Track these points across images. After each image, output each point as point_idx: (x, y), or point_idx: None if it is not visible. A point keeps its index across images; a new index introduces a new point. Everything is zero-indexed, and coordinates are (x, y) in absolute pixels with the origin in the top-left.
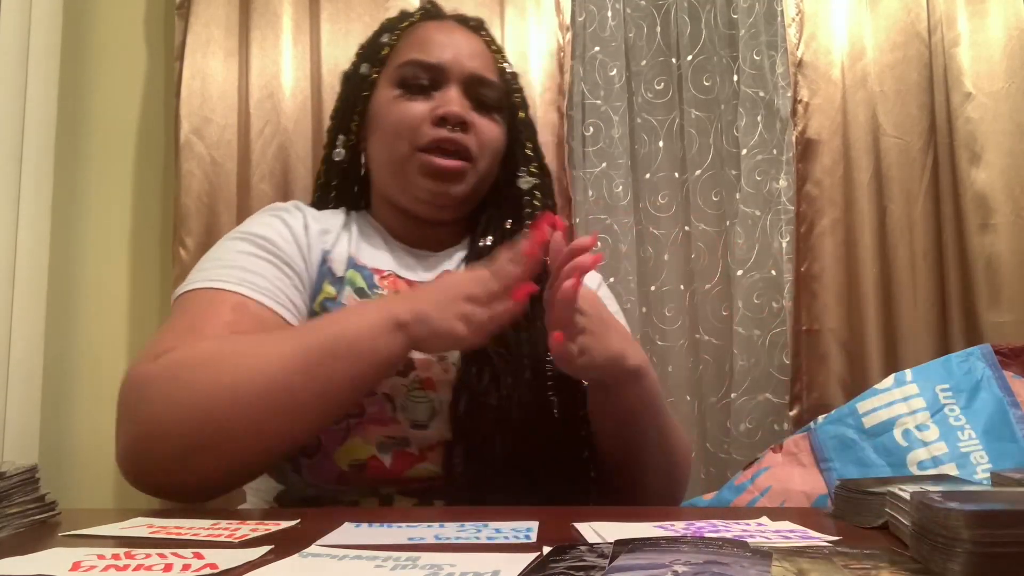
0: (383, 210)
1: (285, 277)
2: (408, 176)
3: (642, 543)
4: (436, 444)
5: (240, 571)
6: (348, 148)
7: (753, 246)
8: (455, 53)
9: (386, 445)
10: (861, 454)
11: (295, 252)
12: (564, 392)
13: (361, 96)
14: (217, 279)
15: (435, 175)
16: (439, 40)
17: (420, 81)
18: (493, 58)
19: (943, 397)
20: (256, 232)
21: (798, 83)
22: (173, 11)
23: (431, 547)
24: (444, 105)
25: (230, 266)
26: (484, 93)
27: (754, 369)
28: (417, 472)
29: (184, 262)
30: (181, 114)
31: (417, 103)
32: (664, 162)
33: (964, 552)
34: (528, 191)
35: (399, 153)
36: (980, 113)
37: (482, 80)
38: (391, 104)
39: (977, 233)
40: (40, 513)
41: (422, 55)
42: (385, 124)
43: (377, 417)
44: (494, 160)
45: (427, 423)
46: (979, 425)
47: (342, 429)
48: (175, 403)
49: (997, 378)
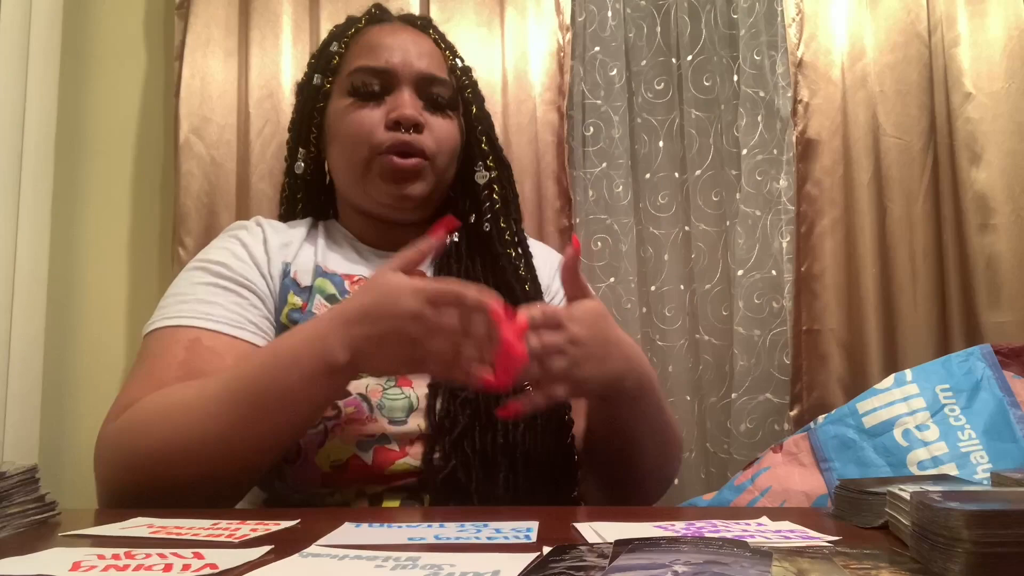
0: (349, 217)
1: (243, 299)
2: (369, 181)
3: (642, 543)
4: (416, 438)
5: (240, 571)
6: (309, 160)
7: (753, 246)
8: (403, 55)
9: (366, 443)
10: (861, 454)
11: (253, 272)
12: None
13: (316, 108)
14: (174, 316)
15: (394, 177)
16: (386, 43)
17: (371, 87)
18: (443, 55)
19: (943, 397)
20: (212, 259)
21: (798, 83)
22: (173, 11)
23: (431, 547)
24: (397, 108)
25: (186, 300)
26: (436, 92)
27: (754, 369)
28: (399, 467)
29: (184, 262)
30: (181, 114)
31: (370, 109)
32: (664, 162)
33: (964, 552)
34: (486, 185)
35: (358, 159)
36: (980, 113)
37: (433, 79)
38: (345, 113)
39: (977, 233)
40: (40, 513)
41: (370, 61)
42: (341, 134)
43: (355, 417)
44: (451, 157)
45: (405, 419)
46: (979, 425)
47: (320, 432)
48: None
49: (997, 378)
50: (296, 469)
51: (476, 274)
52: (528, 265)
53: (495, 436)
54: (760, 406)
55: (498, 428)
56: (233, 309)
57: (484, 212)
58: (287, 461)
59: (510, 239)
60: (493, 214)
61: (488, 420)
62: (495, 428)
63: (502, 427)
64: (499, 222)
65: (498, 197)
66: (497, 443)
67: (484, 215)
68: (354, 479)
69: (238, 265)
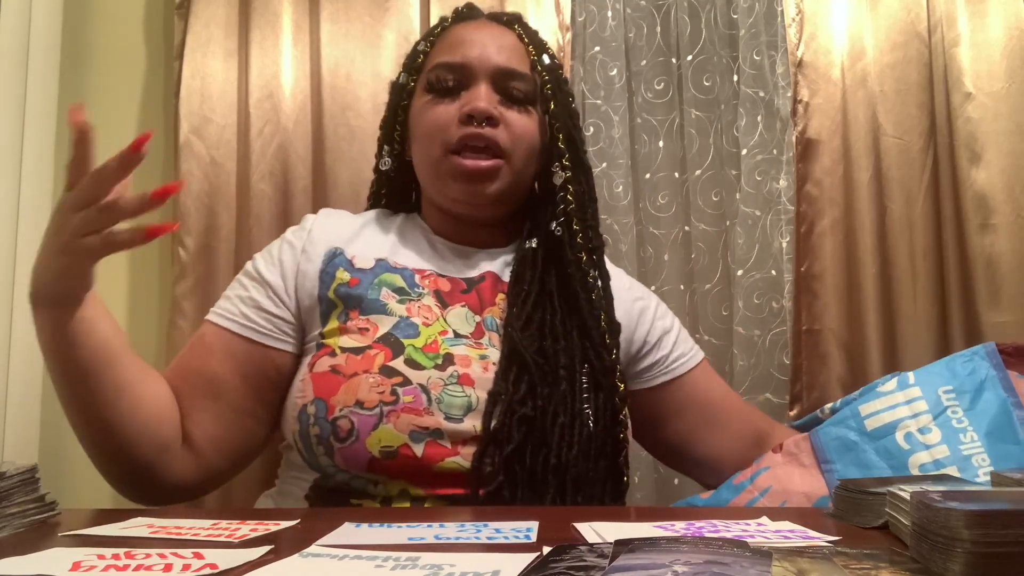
0: (429, 211)
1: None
2: (443, 180)
3: (642, 543)
4: (470, 439)
5: (240, 571)
6: (395, 157)
7: (753, 246)
8: (481, 50)
9: (419, 435)
10: (863, 456)
11: (271, 270)
12: (599, 401)
13: (401, 106)
14: (211, 310)
15: (466, 177)
16: (467, 39)
17: (447, 82)
18: (526, 51)
19: (946, 399)
20: (256, 258)
21: (798, 83)
22: (173, 11)
23: (431, 547)
24: (469, 102)
25: (223, 296)
26: (514, 86)
27: (754, 369)
28: (448, 465)
29: (184, 262)
30: (181, 114)
31: (445, 105)
32: (664, 162)
33: (964, 552)
34: (561, 186)
35: (433, 157)
36: (980, 113)
37: (511, 73)
38: (422, 110)
39: (977, 233)
40: (40, 513)
41: (448, 56)
42: (419, 130)
43: (412, 407)
44: (529, 153)
45: (462, 417)
46: (982, 427)
47: (375, 415)
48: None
49: (1001, 378)
50: (346, 448)
51: (550, 284)
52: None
53: (548, 457)
54: (760, 406)
55: (551, 448)
56: (234, 302)
57: (557, 215)
58: (338, 439)
59: (582, 243)
60: (566, 217)
61: (542, 440)
62: (549, 448)
63: (556, 448)
64: (571, 225)
65: (572, 199)
66: (549, 464)
67: (557, 218)
68: (402, 470)
69: (261, 261)
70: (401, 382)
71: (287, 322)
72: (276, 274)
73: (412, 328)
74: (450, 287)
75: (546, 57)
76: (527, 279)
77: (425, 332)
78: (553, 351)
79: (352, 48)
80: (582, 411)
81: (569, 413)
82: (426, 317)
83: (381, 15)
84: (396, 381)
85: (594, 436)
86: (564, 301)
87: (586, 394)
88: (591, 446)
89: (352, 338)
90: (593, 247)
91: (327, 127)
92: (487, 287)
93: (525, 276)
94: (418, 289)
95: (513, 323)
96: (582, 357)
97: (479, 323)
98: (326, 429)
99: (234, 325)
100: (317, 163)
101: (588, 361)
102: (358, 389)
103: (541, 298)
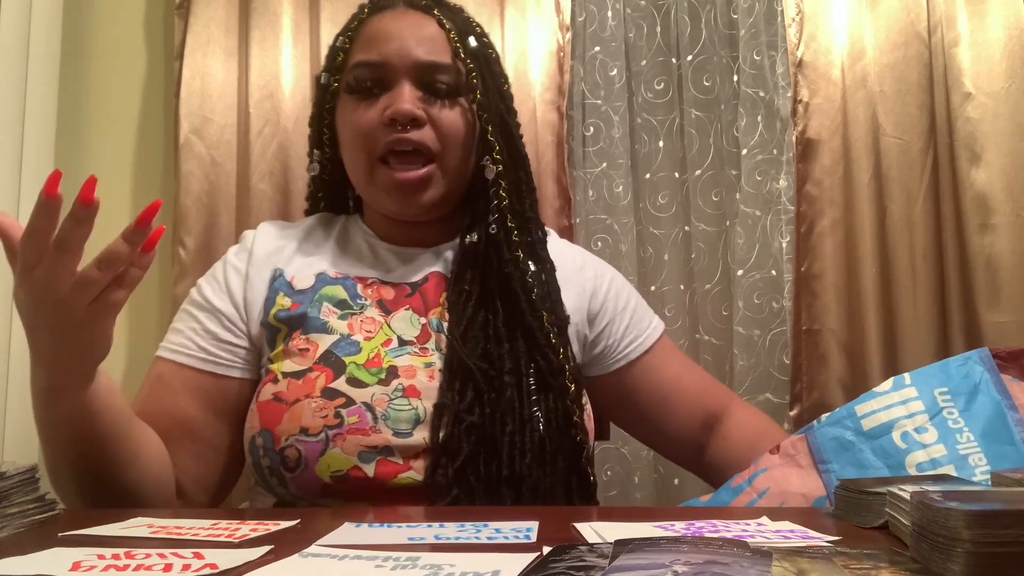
0: (369, 213)
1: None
2: (375, 190)
3: (642, 543)
4: (421, 452)
5: (240, 571)
6: (326, 160)
7: (753, 246)
8: (400, 44)
9: (368, 455)
10: (860, 456)
11: (219, 296)
12: (549, 403)
13: (326, 108)
14: (162, 345)
15: (398, 189)
16: (383, 32)
17: (366, 83)
18: (447, 38)
19: (942, 400)
20: (200, 282)
21: (798, 83)
22: (173, 11)
23: (431, 547)
24: (391, 104)
25: (173, 327)
26: (437, 80)
27: (754, 369)
28: (402, 481)
29: (184, 262)
30: (181, 114)
31: (367, 108)
32: (664, 162)
33: (964, 552)
34: (493, 180)
35: (362, 167)
36: (980, 113)
37: (432, 66)
38: (345, 114)
39: (977, 233)
40: (40, 513)
41: (365, 55)
42: (345, 138)
43: (357, 427)
44: (463, 150)
45: (411, 431)
46: (977, 428)
47: (322, 440)
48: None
49: (995, 381)
50: (297, 477)
51: (491, 282)
52: (544, 270)
53: (500, 466)
54: (760, 406)
55: (503, 458)
56: (188, 335)
57: (492, 211)
58: (287, 469)
59: (518, 240)
60: (500, 213)
61: (493, 449)
62: (500, 458)
63: (507, 457)
64: (506, 222)
65: (505, 194)
66: (503, 474)
67: (492, 214)
68: (356, 491)
69: (208, 288)
70: (344, 403)
71: (244, 348)
72: (226, 301)
73: (353, 345)
74: (394, 294)
75: (472, 40)
76: (467, 279)
77: (367, 347)
78: (498, 354)
79: None
80: (532, 416)
81: (517, 419)
82: (368, 330)
83: None
84: (339, 403)
85: (547, 440)
86: (505, 301)
87: (535, 396)
88: (544, 451)
89: (294, 361)
90: (531, 239)
91: None
92: (431, 288)
93: (465, 276)
94: (360, 300)
95: (453, 329)
96: (528, 358)
97: (424, 325)
98: (275, 460)
99: (193, 360)
100: None
101: (535, 361)
102: (301, 415)
103: (482, 299)
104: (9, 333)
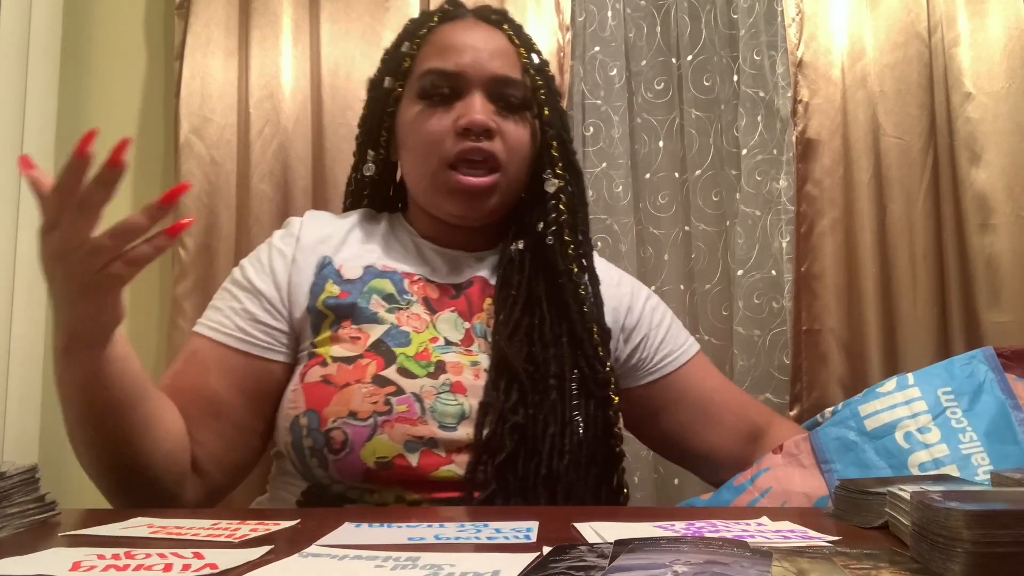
0: (416, 214)
1: (238, 304)
2: (439, 194)
3: (642, 543)
4: (464, 447)
5: (240, 571)
6: (379, 162)
7: (753, 246)
8: (474, 56)
9: (413, 444)
10: (862, 456)
11: (263, 279)
12: (590, 409)
13: (387, 112)
14: (200, 320)
15: (464, 195)
16: (458, 43)
17: (441, 91)
18: (517, 53)
19: (945, 400)
20: (244, 262)
21: (798, 83)
22: (173, 11)
23: (431, 547)
24: (466, 114)
25: (212, 304)
26: (509, 94)
27: (754, 369)
28: (442, 474)
29: (184, 262)
30: (181, 114)
31: (440, 116)
32: (664, 162)
33: (964, 552)
34: (554, 194)
35: (429, 170)
36: (980, 113)
37: (505, 80)
38: (415, 120)
39: (977, 233)
40: (40, 513)
41: (440, 63)
42: (412, 142)
43: (406, 416)
44: (524, 163)
45: (455, 426)
46: (981, 427)
47: (370, 426)
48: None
49: (999, 381)
50: (340, 460)
51: (538, 289)
52: (593, 282)
53: (539, 466)
54: None
55: (543, 458)
56: (227, 314)
57: (549, 224)
58: (332, 451)
59: (573, 254)
60: (558, 226)
61: (534, 448)
62: (540, 458)
63: (547, 457)
64: (563, 235)
65: (564, 208)
66: (540, 473)
67: (549, 227)
68: (397, 479)
69: (251, 269)
70: (394, 391)
71: (283, 332)
72: (269, 283)
73: (403, 336)
74: (438, 294)
75: (535, 56)
76: (514, 283)
77: (416, 339)
78: (543, 358)
79: (352, 48)
80: (572, 419)
81: (559, 422)
82: (416, 325)
83: (381, 15)
84: (389, 391)
85: (584, 444)
86: (553, 307)
87: (576, 401)
88: (581, 454)
89: (343, 347)
90: (583, 252)
91: (327, 127)
92: (475, 292)
93: (512, 280)
94: (407, 296)
95: (500, 331)
96: (572, 364)
97: (468, 330)
98: (319, 441)
99: (230, 339)
100: (317, 163)
101: (579, 368)
102: (351, 399)
103: (529, 304)
104: (9, 333)
